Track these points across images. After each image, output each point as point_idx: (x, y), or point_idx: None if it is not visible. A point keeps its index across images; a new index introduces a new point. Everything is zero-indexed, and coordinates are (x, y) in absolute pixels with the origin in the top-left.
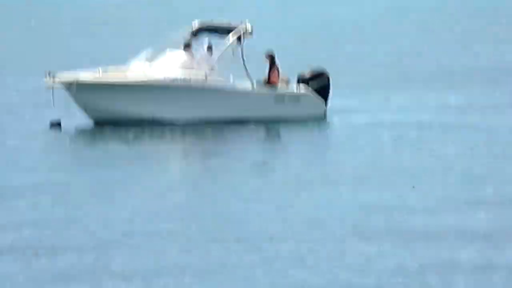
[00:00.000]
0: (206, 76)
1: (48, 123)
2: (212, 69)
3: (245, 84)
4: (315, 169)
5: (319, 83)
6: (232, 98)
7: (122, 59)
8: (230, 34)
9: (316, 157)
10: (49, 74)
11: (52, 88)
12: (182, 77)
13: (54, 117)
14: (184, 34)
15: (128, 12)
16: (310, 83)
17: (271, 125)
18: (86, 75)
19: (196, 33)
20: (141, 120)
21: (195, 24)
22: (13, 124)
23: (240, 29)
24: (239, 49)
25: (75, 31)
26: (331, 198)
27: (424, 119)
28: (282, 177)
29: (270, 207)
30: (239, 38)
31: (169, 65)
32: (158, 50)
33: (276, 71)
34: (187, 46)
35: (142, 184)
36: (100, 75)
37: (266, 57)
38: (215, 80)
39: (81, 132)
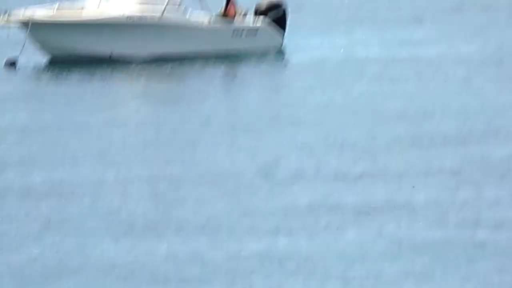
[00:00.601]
0: (162, 12)
1: (3, 61)
2: (175, 4)
3: (202, 18)
4: (266, 110)
5: (276, 14)
6: (189, 33)
7: None
8: None
9: (270, 97)
10: (4, 12)
11: (8, 27)
12: (138, 13)
13: (10, 55)
14: None
15: None
16: (268, 14)
17: (228, 59)
18: (42, 13)
19: None
20: (97, 57)
21: None
22: None
23: None
24: None
25: None
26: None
27: (385, 55)
28: (231, 119)
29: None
30: None
31: (125, 1)
32: None
33: (233, 5)
34: None
35: (92, 123)
36: (56, 12)
37: None
38: (172, 15)
39: (36, 70)
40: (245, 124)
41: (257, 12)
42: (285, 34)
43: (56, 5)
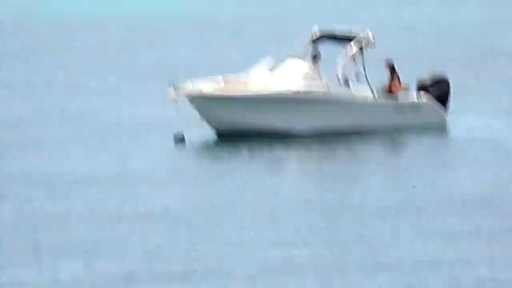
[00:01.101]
0: (328, 87)
1: (172, 137)
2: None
3: (366, 93)
4: (427, 192)
5: (440, 90)
6: (354, 107)
7: (242, 67)
8: (352, 43)
9: (434, 176)
10: (172, 85)
11: (176, 100)
12: (304, 88)
13: (178, 130)
14: (304, 41)
15: (243, 20)
16: (430, 90)
17: (392, 135)
18: (209, 87)
19: (316, 41)
20: (263, 131)
21: (316, 31)
22: (138, 139)
23: (362, 38)
24: (361, 58)
25: (191, 41)
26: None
27: None
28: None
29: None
30: (361, 48)
31: (291, 75)
32: (279, 59)
33: (396, 80)
34: (316, 57)
35: (267, 197)
36: (222, 86)
37: (386, 67)
38: (337, 90)
39: (206, 145)
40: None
41: (420, 88)
42: (448, 111)
43: (221, 78)
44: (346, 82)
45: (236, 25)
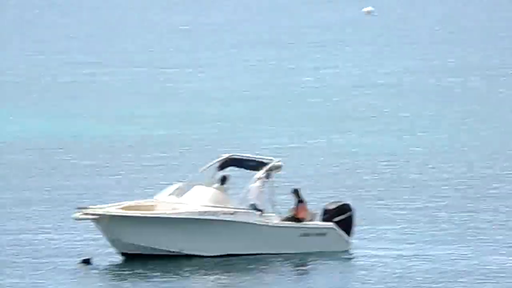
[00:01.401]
0: (235, 211)
1: (79, 259)
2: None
3: (273, 218)
4: None
5: (344, 218)
6: (260, 232)
7: (150, 194)
8: (260, 169)
9: None
10: (79, 208)
11: (82, 221)
12: (211, 210)
13: (85, 252)
14: (212, 167)
15: (146, 147)
16: (335, 217)
17: (296, 260)
18: (115, 209)
19: (223, 167)
20: (170, 253)
21: (223, 156)
22: (45, 259)
23: (270, 164)
24: (268, 184)
25: (95, 167)
26: None
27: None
28: None
29: None
30: (268, 173)
31: (198, 199)
32: (187, 184)
33: (303, 206)
34: (223, 179)
35: None
36: (128, 208)
37: (293, 194)
38: (244, 214)
39: (112, 268)
40: None
41: (325, 215)
42: (352, 238)
43: (127, 203)
44: (257, 207)
45: (141, 149)
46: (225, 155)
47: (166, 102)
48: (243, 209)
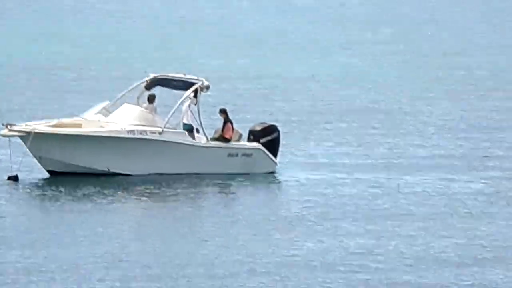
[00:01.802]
0: (162, 130)
1: (5, 176)
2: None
3: (200, 139)
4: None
5: (270, 139)
6: (188, 152)
7: (77, 111)
8: (187, 89)
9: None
10: (7, 125)
11: (9, 138)
12: (138, 129)
13: (12, 169)
14: (139, 87)
15: (80, 65)
16: (261, 138)
17: (223, 180)
18: (42, 126)
19: (149, 86)
20: (96, 171)
21: (150, 76)
22: None
23: (197, 84)
24: (195, 102)
25: (25, 85)
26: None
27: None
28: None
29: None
30: (195, 93)
31: (126, 117)
32: (114, 103)
33: (230, 126)
34: (150, 99)
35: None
36: (56, 125)
37: (220, 113)
38: (171, 133)
39: (37, 185)
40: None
41: (251, 136)
42: (277, 157)
43: (56, 120)
44: (185, 127)
45: (71, 68)
46: (152, 75)
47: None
48: (171, 128)
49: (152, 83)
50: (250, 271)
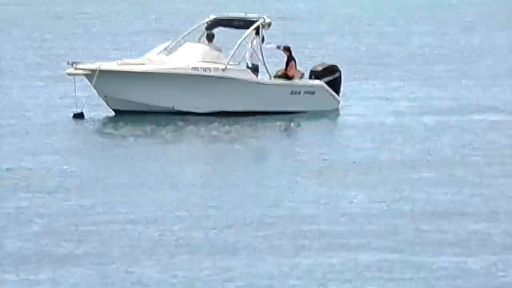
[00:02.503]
0: (226, 67)
1: (71, 114)
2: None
3: (263, 76)
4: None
5: (331, 78)
6: (251, 89)
7: (140, 53)
8: (249, 27)
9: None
10: (71, 63)
11: (74, 76)
12: (202, 66)
13: (77, 107)
14: (200, 28)
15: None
16: (322, 77)
17: (287, 117)
18: (107, 64)
19: (210, 27)
20: (160, 110)
21: (210, 17)
22: (37, 114)
23: (259, 22)
24: (257, 41)
25: (89, 29)
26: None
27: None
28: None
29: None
30: (257, 31)
31: (189, 55)
32: (176, 44)
33: (293, 65)
34: (209, 37)
35: (157, 175)
36: (121, 64)
37: (284, 51)
38: (235, 70)
39: (103, 122)
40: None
41: (313, 76)
42: (340, 96)
43: (119, 61)
44: (248, 65)
45: (130, 13)
46: (212, 16)
47: None
48: (234, 65)
49: (213, 24)
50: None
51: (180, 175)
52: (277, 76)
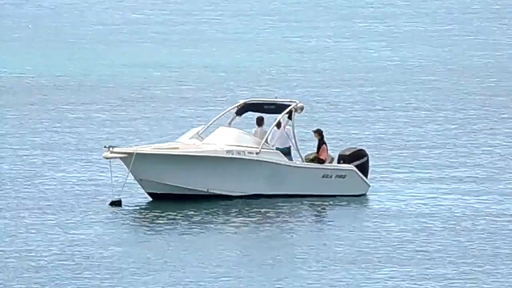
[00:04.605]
0: (260, 150)
1: (108, 202)
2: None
3: (296, 159)
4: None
5: (359, 162)
6: (284, 172)
7: (171, 137)
8: (280, 112)
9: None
10: (109, 147)
11: (110, 159)
12: (236, 149)
13: (114, 193)
14: (230, 113)
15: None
16: (350, 161)
17: (318, 200)
18: (143, 147)
19: (240, 112)
20: (195, 193)
21: (240, 102)
22: (75, 202)
23: (291, 106)
24: (289, 124)
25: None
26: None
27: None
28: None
29: None
30: (289, 115)
31: (222, 139)
32: (207, 128)
33: (325, 148)
34: (259, 121)
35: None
36: (157, 147)
37: (315, 133)
38: (268, 153)
39: (142, 209)
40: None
41: (341, 160)
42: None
43: (153, 145)
44: (281, 149)
45: (163, 98)
46: (242, 101)
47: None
48: (268, 149)
49: (243, 108)
50: None
51: (219, 262)
52: (309, 160)
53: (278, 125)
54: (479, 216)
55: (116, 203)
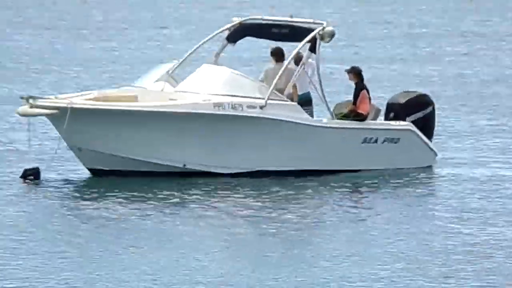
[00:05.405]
0: (265, 102)
1: (21, 171)
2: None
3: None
4: None
5: (421, 115)
6: (303, 136)
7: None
8: (298, 38)
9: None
10: (28, 98)
11: (30, 117)
12: (229, 101)
13: (30, 162)
14: (220, 37)
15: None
16: (407, 115)
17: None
18: (80, 99)
19: (235, 37)
20: (164, 169)
21: (233, 22)
22: None
23: (315, 31)
24: (313, 61)
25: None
26: None
27: None
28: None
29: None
30: (312, 45)
31: (207, 85)
32: (182, 66)
33: (366, 95)
34: (279, 55)
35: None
36: (101, 100)
37: (351, 74)
38: (278, 107)
39: (68, 187)
40: None
41: (392, 112)
42: (433, 143)
43: (96, 92)
44: (306, 98)
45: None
46: (236, 19)
47: None
48: (278, 99)
49: (239, 32)
50: None
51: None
52: (341, 115)
53: (297, 61)
54: None
55: (32, 175)
